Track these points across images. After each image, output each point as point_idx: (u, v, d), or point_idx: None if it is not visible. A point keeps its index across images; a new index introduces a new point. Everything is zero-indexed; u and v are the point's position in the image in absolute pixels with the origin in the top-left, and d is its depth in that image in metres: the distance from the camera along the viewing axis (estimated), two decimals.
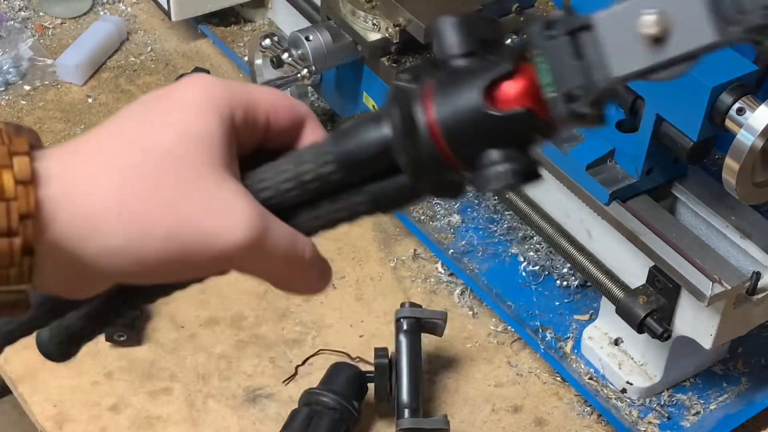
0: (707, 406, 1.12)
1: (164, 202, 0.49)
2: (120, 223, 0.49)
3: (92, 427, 1.09)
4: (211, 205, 0.50)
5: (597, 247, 1.09)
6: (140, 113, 0.52)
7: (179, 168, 0.50)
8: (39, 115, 1.42)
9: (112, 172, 0.49)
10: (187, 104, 0.52)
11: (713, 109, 0.92)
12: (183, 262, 0.50)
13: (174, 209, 0.49)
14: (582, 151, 1.05)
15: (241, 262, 0.51)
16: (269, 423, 1.09)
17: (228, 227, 0.50)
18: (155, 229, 0.49)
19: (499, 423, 1.11)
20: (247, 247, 0.50)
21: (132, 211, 0.49)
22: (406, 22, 1.14)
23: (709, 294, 0.95)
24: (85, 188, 0.49)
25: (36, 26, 1.54)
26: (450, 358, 1.17)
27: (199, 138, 0.51)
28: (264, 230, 0.51)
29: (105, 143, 0.51)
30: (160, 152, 0.50)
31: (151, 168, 0.50)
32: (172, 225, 0.49)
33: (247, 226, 0.50)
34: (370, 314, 1.20)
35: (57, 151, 0.50)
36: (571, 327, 1.17)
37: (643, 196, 1.04)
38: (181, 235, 0.49)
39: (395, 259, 1.26)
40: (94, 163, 0.50)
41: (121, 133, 0.51)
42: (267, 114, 0.55)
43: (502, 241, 1.25)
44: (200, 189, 0.50)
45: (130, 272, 0.50)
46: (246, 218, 0.50)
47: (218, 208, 0.50)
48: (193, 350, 1.16)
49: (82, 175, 0.49)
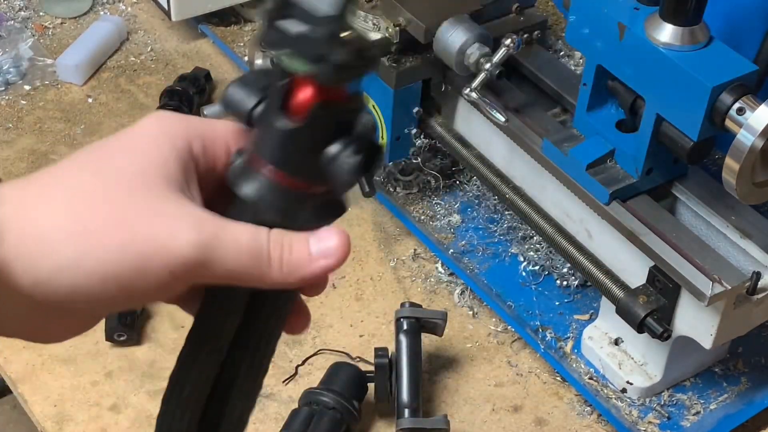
0: (707, 406, 1.12)
1: (115, 215, 0.50)
2: (70, 239, 0.49)
3: (92, 427, 1.09)
4: (161, 216, 0.51)
5: (597, 247, 1.09)
6: (98, 146, 0.53)
7: (130, 185, 0.51)
8: (39, 115, 1.42)
9: (63, 193, 0.50)
10: (143, 135, 0.53)
11: (713, 109, 0.92)
12: (140, 273, 0.50)
13: (125, 221, 0.50)
14: (582, 151, 1.05)
15: (199, 267, 0.51)
16: (269, 423, 1.09)
17: (178, 233, 0.50)
18: (107, 241, 0.49)
19: (499, 423, 1.11)
20: (197, 247, 0.51)
21: (82, 226, 0.49)
22: (406, 22, 1.15)
23: (709, 294, 0.95)
24: (36, 209, 0.50)
25: (36, 26, 1.54)
26: (450, 358, 1.17)
27: (152, 161, 0.52)
28: (213, 234, 0.51)
29: (60, 171, 0.52)
30: (111, 172, 0.51)
31: (102, 186, 0.51)
32: (124, 236, 0.50)
33: (195, 230, 0.51)
34: (370, 314, 1.20)
35: (14, 181, 0.51)
36: (571, 327, 1.17)
37: (643, 196, 1.04)
38: (134, 245, 0.50)
39: (395, 259, 1.26)
40: (46, 186, 0.51)
41: (76, 161, 0.52)
42: (226, 144, 0.57)
43: (502, 241, 1.25)
44: (150, 201, 0.51)
45: (87, 290, 0.50)
46: (194, 223, 0.51)
47: (169, 216, 0.51)
48: None
49: (34, 198, 0.50)
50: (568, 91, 1.16)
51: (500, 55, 1.10)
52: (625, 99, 1.01)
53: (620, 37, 0.96)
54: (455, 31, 1.12)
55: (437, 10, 1.14)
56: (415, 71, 1.18)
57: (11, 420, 1.84)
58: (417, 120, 1.22)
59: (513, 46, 1.10)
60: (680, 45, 0.93)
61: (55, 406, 1.11)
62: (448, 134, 1.22)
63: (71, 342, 1.15)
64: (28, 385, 1.12)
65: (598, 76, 1.02)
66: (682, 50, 0.93)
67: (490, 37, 1.13)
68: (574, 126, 1.08)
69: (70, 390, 1.12)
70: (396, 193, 1.29)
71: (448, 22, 1.13)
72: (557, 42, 1.36)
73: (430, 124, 1.23)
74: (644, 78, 0.97)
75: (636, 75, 0.97)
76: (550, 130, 1.10)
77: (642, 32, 0.95)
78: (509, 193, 1.16)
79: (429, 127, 1.23)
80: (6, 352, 1.15)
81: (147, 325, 1.18)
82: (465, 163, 1.22)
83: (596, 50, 1.00)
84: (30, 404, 1.11)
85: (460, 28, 1.12)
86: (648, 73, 0.96)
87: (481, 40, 1.12)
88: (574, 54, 1.36)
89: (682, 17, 0.93)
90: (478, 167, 1.19)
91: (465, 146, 1.21)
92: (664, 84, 0.94)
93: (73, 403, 1.11)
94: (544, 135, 1.09)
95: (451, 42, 1.12)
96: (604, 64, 1.00)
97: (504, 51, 1.10)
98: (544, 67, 1.20)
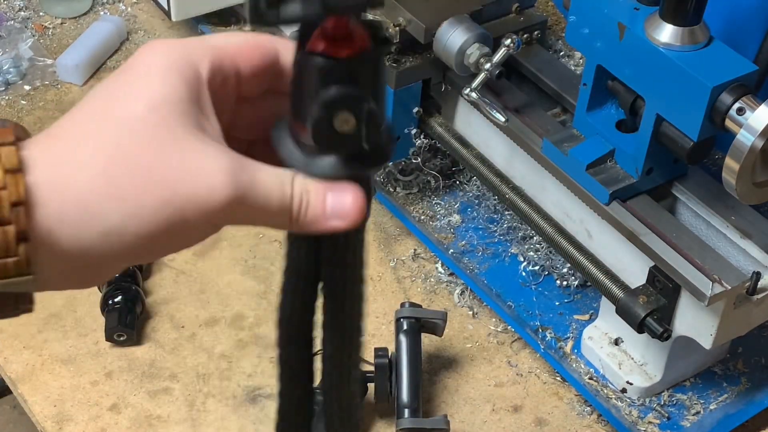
0: (707, 406, 1.12)
1: (148, 172, 0.50)
2: (111, 203, 0.50)
3: (92, 427, 1.09)
4: (191, 167, 0.51)
5: (597, 247, 1.09)
6: (108, 91, 0.53)
7: (155, 135, 0.51)
8: (39, 115, 1.42)
9: (94, 152, 0.50)
10: (149, 73, 0.53)
11: (713, 109, 0.92)
12: (182, 225, 0.51)
13: (159, 177, 0.50)
14: (582, 151, 1.05)
15: (233, 214, 0.52)
16: (269, 423, 1.09)
17: (210, 184, 0.51)
18: (147, 201, 0.50)
19: (499, 423, 1.11)
20: (232, 200, 0.51)
21: (121, 188, 0.50)
22: (406, 22, 1.15)
23: (709, 294, 0.95)
24: (71, 173, 0.50)
25: (36, 26, 1.54)
26: (450, 358, 1.17)
27: (167, 103, 0.52)
28: (245, 182, 0.52)
29: (82, 125, 0.52)
30: (134, 124, 0.51)
31: (129, 141, 0.51)
32: (163, 193, 0.50)
33: (227, 180, 0.51)
34: (370, 314, 1.20)
35: (39, 139, 0.51)
36: (571, 327, 1.17)
37: (643, 196, 1.04)
38: (172, 200, 0.50)
39: (395, 259, 1.26)
40: (75, 145, 0.51)
41: (95, 113, 0.52)
42: (233, 59, 0.56)
43: (502, 241, 1.25)
44: (179, 151, 0.51)
45: (133, 250, 0.51)
46: (224, 173, 0.51)
47: (199, 168, 0.51)
48: (193, 350, 1.16)
49: (66, 160, 0.50)
50: (568, 91, 1.15)
51: (500, 55, 1.10)
52: (625, 99, 1.01)
53: (620, 37, 0.96)
54: (455, 31, 1.12)
55: (437, 10, 1.14)
56: (415, 71, 1.18)
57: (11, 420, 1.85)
58: (417, 120, 1.22)
59: (513, 46, 1.10)
60: (680, 45, 0.93)
61: (55, 406, 1.11)
62: (448, 134, 1.22)
63: (71, 342, 1.16)
64: (28, 385, 1.12)
65: (598, 76, 1.02)
66: (682, 50, 0.93)
67: (490, 37, 1.13)
68: (574, 126, 1.08)
69: (70, 390, 1.12)
70: (396, 193, 1.29)
71: (448, 22, 1.13)
72: (557, 42, 1.36)
73: (430, 124, 1.23)
74: (644, 78, 0.97)
75: (636, 75, 0.97)
76: (550, 130, 1.10)
77: (642, 32, 0.95)
78: (509, 193, 1.16)
79: (429, 127, 1.23)
80: (6, 352, 1.15)
81: (147, 325, 1.18)
82: (465, 163, 1.22)
83: (596, 50, 1.00)
84: (30, 404, 1.11)
85: (460, 28, 1.12)
86: (648, 73, 0.96)
87: (481, 40, 1.12)
88: (574, 54, 1.36)
89: (682, 17, 0.93)
90: (478, 167, 1.19)
91: (465, 146, 1.21)
92: (664, 84, 0.94)
93: (73, 403, 1.11)
94: (544, 135, 1.09)
95: (451, 42, 1.12)
96: (604, 64, 1.00)
97: (504, 51, 1.10)
98: (544, 67, 1.20)
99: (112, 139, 0.51)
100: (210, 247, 1.25)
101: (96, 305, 1.17)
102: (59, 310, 1.19)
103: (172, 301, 1.20)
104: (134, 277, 1.18)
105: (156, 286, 1.21)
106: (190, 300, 1.20)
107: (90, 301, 1.19)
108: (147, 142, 0.51)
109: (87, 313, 1.19)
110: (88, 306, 1.19)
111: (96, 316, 1.17)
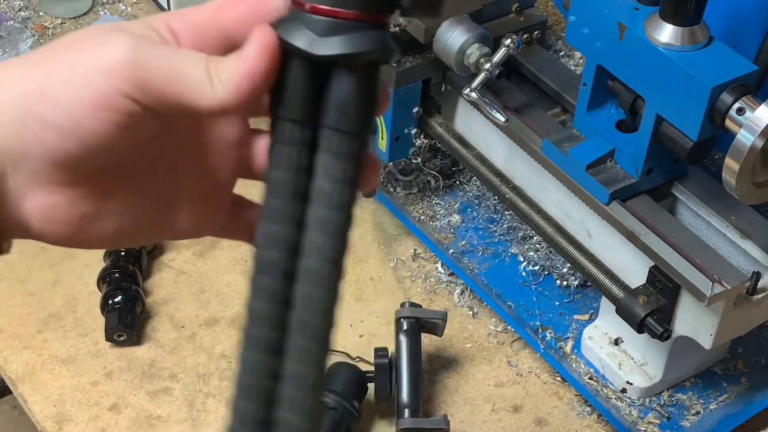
0: (707, 406, 1.12)
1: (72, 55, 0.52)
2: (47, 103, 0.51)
3: (92, 427, 1.09)
4: (101, 41, 0.52)
5: (597, 247, 1.09)
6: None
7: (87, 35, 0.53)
8: None
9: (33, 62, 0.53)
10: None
11: (713, 109, 0.92)
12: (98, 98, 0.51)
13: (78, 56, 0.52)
14: (582, 151, 1.05)
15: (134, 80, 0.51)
16: None
17: (110, 42, 0.51)
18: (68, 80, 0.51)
19: (499, 423, 1.11)
20: (132, 52, 0.51)
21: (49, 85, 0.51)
22: (406, 22, 1.15)
23: (709, 294, 0.95)
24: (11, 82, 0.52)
25: (36, 26, 1.54)
26: (450, 358, 1.17)
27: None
28: (148, 38, 0.52)
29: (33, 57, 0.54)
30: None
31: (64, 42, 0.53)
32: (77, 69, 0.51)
33: (128, 39, 0.51)
34: (370, 314, 1.20)
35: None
36: (571, 327, 1.17)
37: (643, 196, 1.04)
38: (83, 74, 0.51)
39: (395, 259, 1.26)
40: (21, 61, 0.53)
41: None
42: (218, 23, 0.54)
43: (502, 241, 1.25)
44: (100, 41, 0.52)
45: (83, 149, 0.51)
46: (127, 36, 0.51)
47: (107, 41, 0.52)
48: (193, 350, 1.16)
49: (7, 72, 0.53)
50: (568, 91, 1.15)
51: (500, 55, 1.10)
52: (625, 99, 1.01)
53: (620, 37, 0.96)
54: (455, 31, 1.12)
55: None
56: (415, 71, 1.18)
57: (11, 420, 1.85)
58: (417, 120, 1.22)
59: (513, 46, 1.10)
60: (680, 45, 0.93)
61: (55, 406, 1.11)
62: (448, 134, 1.22)
63: (71, 342, 1.16)
64: (28, 385, 1.12)
65: (598, 76, 1.02)
66: (682, 50, 0.93)
67: (490, 37, 1.13)
68: (574, 126, 1.08)
69: (70, 390, 1.12)
70: (396, 193, 1.29)
71: (448, 22, 1.13)
72: (557, 42, 1.36)
73: (430, 124, 1.23)
74: (644, 78, 0.97)
75: (636, 75, 0.97)
76: (550, 130, 1.10)
77: (642, 32, 0.95)
78: (509, 193, 1.16)
79: (429, 127, 1.23)
80: (6, 352, 1.15)
81: (147, 325, 1.18)
82: (465, 163, 1.22)
83: (596, 50, 1.00)
84: (30, 404, 1.11)
85: (460, 28, 1.12)
86: (648, 73, 0.96)
87: (481, 40, 1.12)
88: (574, 54, 1.35)
89: (682, 17, 0.93)
90: (478, 167, 1.19)
91: (465, 146, 1.21)
92: (664, 84, 0.94)
93: (73, 403, 1.11)
94: (544, 135, 1.09)
95: (451, 42, 1.12)
96: (604, 64, 1.00)
97: (504, 51, 1.10)
98: (544, 67, 1.20)
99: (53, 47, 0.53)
100: (210, 247, 1.26)
101: (96, 305, 1.17)
102: (59, 310, 1.19)
103: (172, 301, 1.20)
104: (134, 277, 1.18)
105: (156, 286, 1.21)
106: (190, 300, 1.20)
107: (90, 301, 1.19)
108: (82, 39, 0.53)
109: (87, 313, 1.19)
110: (88, 306, 1.19)
111: (96, 316, 1.17)
